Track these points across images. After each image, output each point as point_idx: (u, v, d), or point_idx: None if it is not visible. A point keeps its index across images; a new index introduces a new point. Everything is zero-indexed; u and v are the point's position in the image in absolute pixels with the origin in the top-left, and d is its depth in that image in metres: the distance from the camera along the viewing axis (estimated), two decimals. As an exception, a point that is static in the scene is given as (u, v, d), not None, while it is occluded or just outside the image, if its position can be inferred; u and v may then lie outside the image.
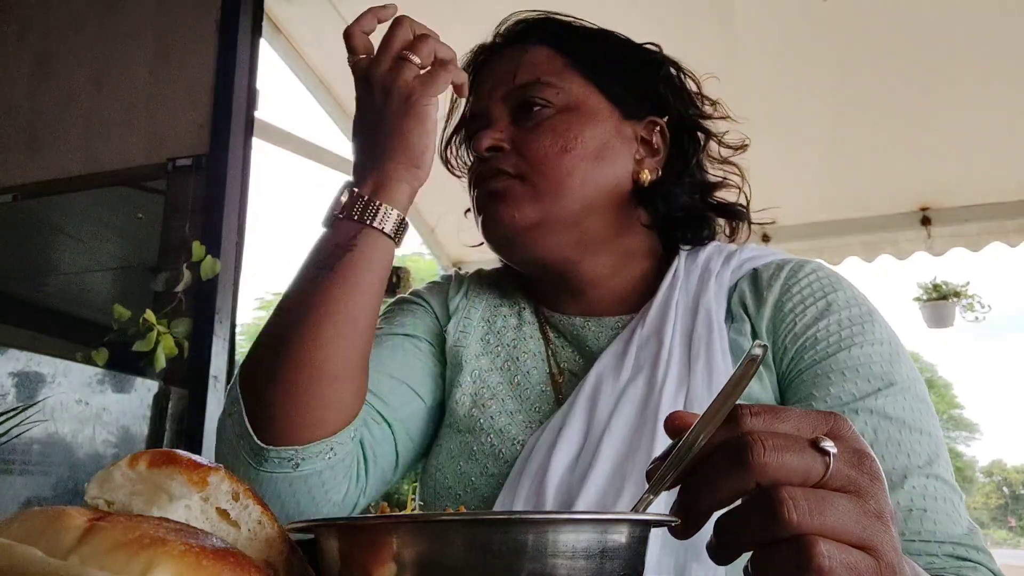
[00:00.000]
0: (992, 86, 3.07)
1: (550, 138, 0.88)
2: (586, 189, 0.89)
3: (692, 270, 0.92)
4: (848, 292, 0.85)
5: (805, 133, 3.45)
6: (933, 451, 0.73)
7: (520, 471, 0.81)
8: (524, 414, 0.89)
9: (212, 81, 2.53)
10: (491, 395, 0.91)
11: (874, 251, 3.87)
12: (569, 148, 0.88)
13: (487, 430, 0.88)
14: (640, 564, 0.42)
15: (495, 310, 1.00)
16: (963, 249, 3.74)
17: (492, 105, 0.92)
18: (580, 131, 0.89)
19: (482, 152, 0.89)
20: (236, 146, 2.46)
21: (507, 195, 0.88)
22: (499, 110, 0.92)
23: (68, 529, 0.34)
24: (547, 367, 0.93)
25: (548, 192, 0.87)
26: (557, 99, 0.90)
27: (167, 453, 0.47)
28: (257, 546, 0.46)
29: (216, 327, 2.30)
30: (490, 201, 0.89)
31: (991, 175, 3.52)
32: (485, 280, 1.06)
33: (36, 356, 1.86)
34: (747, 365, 0.46)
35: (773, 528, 0.40)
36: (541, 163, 0.87)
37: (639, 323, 0.88)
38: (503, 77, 0.93)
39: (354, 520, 0.42)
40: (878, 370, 0.77)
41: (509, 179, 0.88)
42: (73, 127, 2.71)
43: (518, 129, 0.90)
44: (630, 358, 0.85)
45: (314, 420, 0.75)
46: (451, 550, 0.38)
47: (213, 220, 2.37)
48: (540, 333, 0.96)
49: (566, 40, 0.95)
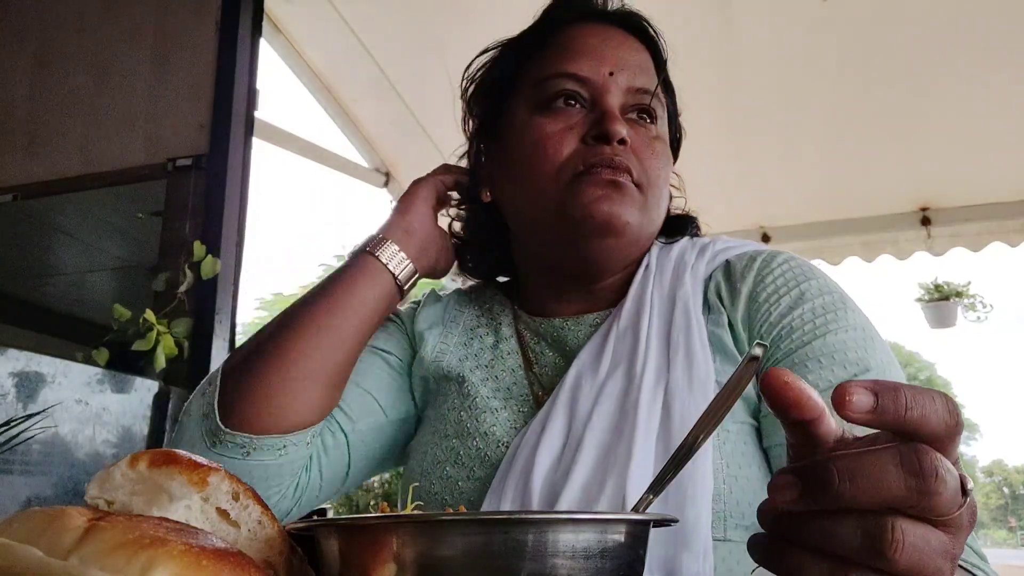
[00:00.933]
0: (992, 86, 3.07)
1: (661, 161, 0.90)
2: (660, 220, 0.93)
3: (666, 264, 0.93)
4: (820, 281, 0.86)
5: (805, 133, 3.45)
6: None
7: (506, 472, 0.81)
8: (509, 415, 0.89)
9: (212, 81, 2.53)
10: (479, 402, 0.91)
11: (874, 251, 3.87)
12: (664, 179, 0.91)
13: (474, 434, 0.88)
14: (640, 564, 0.42)
15: (472, 332, 1.00)
16: (963, 249, 3.74)
17: (616, 90, 0.88)
18: (668, 164, 0.93)
19: (616, 139, 0.85)
20: (236, 146, 2.46)
21: (627, 196, 0.86)
22: (618, 96, 0.88)
23: (68, 529, 0.34)
24: (527, 382, 0.92)
25: (652, 209, 0.89)
26: (659, 120, 0.93)
27: (167, 453, 0.47)
28: (257, 546, 0.46)
29: (216, 327, 2.30)
30: (611, 193, 0.85)
31: (991, 175, 3.52)
32: (464, 299, 1.06)
33: (36, 356, 1.86)
34: (747, 365, 0.46)
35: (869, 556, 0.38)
36: (654, 184, 0.88)
37: (615, 318, 0.89)
38: (627, 63, 0.90)
39: (354, 520, 0.42)
40: (853, 356, 0.78)
41: (632, 182, 0.86)
42: (73, 127, 2.71)
43: (633, 131, 0.88)
44: (607, 353, 0.85)
45: (276, 413, 0.81)
46: (451, 550, 0.38)
47: (213, 220, 2.37)
48: (518, 346, 0.96)
49: (660, 56, 0.96)
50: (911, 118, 3.28)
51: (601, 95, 0.88)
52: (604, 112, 0.87)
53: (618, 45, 0.91)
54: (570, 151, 0.86)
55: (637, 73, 0.90)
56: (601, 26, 0.93)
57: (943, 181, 3.60)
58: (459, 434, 0.89)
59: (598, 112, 0.87)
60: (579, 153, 0.86)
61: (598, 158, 0.85)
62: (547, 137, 0.87)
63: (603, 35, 0.92)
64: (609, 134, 0.85)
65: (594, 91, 0.88)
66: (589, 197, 0.84)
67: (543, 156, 0.87)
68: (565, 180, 0.86)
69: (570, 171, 0.86)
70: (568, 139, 0.87)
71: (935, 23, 2.85)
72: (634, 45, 0.93)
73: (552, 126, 0.88)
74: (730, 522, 0.73)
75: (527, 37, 0.97)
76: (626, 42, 0.92)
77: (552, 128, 0.87)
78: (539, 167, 0.87)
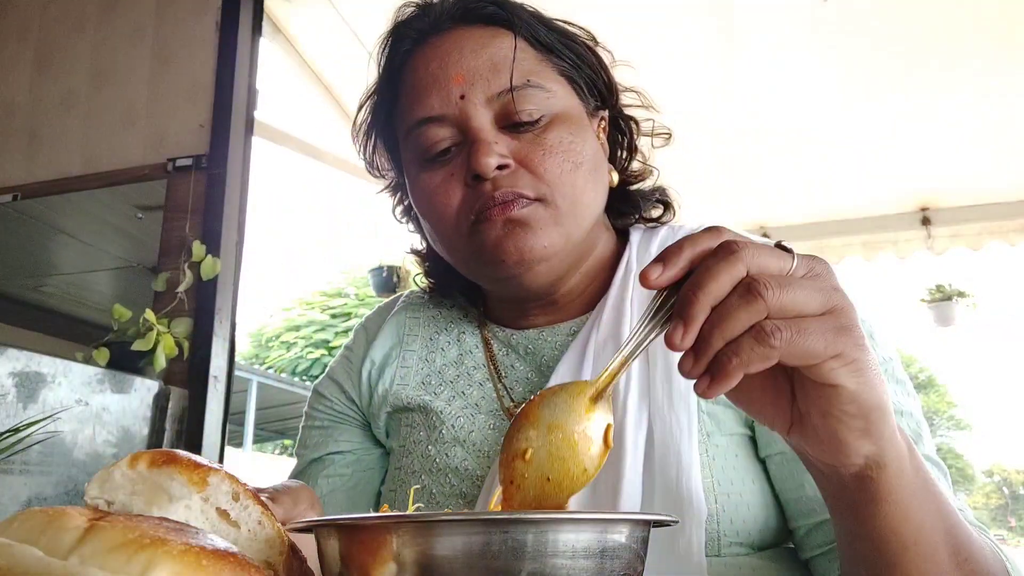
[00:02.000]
0: (993, 86, 3.07)
1: (560, 154, 0.79)
2: (594, 206, 0.84)
3: (645, 259, 0.86)
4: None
5: (805, 133, 3.45)
6: (916, 432, 0.72)
7: (484, 509, 0.77)
8: (481, 439, 0.84)
9: (212, 81, 2.53)
10: (446, 433, 0.85)
11: (874, 251, 3.88)
12: (579, 163, 0.80)
13: (445, 471, 0.83)
14: (640, 564, 0.42)
15: (432, 343, 0.94)
16: (963, 248, 3.74)
17: (472, 110, 0.79)
18: (581, 143, 0.81)
19: (489, 174, 0.77)
20: (236, 146, 2.46)
21: (531, 222, 0.78)
22: (482, 117, 0.79)
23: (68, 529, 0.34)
24: (496, 395, 0.87)
25: (568, 214, 0.80)
26: (547, 105, 0.81)
27: (167, 453, 0.47)
28: (257, 546, 0.46)
29: (216, 327, 2.30)
30: (512, 229, 0.78)
31: (991, 175, 3.53)
32: (420, 306, 0.99)
33: (36, 356, 1.86)
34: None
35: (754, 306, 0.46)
36: (559, 183, 0.79)
37: (594, 326, 0.83)
38: (477, 72, 0.80)
39: (354, 520, 0.42)
40: None
41: (530, 203, 0.78)
42: (73, 127, 2.71)
43: (517, 142, 0.79)
44: (587, 367, 0.79)
45: None
46: (451, 550, 0.38)
47: (213, 220, 2.37)
48: (485, 358, 0.91)
49: (534, 26, 0.84)
50: (911, 118, 3.28)
51: (463, 125, 0.80)
52: (471, 146, 0.79)
53: (461, 55, 0.81)
54: (457, 201, 0.80)
55: (492, 75, 0.80)
56: (439, 39, 0.83)
57: (943, 181, 3.60)
58: (429, 470, 0.84)
59: (467, 147, 0.80)
60: (466, 200, 0.80)
61: (482, 202, 0.78)
62: (434, 193, 0.82)
63: (442, 52, 0.82)
64: (480, 171, 0.77)
65: (455, 124, 0.80)
66: (492, 241, 0.78)
67: (438, 213, 0.82)
68: (464, 232, 0.81)
69: (465, 222, 0.80)
70: (453, 188, 0.81)
71: (936, 23, 2.85)
72: (481, 38, 0.82)
73: (434, 179, 0.82)
74: (724, 540, 0.70)
75: (382, 85, 0.90)
76: (469, 41, 0.82)
77: (434, 181, 0.82)
78: (439, 224, 0.83)
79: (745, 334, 0.46)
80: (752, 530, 0.72)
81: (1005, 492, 30.40)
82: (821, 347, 0.46)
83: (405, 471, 0.87)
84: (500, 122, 0.80)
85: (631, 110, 0.94)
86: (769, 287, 0.46)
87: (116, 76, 2.71)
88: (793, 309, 0.47)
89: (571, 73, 0.85)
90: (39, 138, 2.75)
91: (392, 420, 0.93)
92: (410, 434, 0.89)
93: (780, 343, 0.46)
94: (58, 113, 2.75)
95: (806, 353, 0.46)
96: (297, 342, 17.60)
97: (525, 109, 0.79)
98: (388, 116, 0.90)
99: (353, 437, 0.96)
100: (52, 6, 2.89)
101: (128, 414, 2.11)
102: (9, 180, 2.73)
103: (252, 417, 12.19)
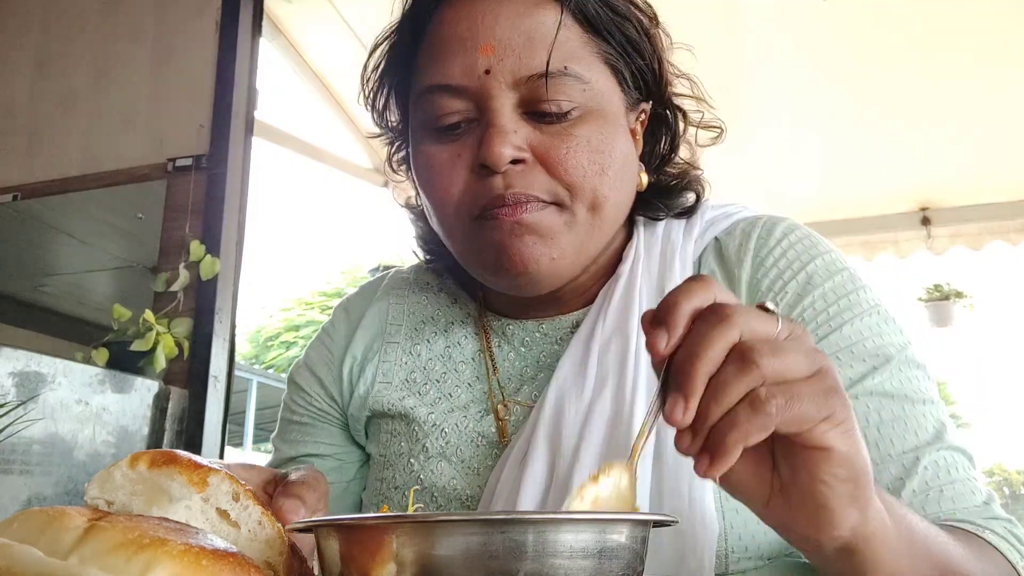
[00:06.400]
0: (993, 86, 3.07)
1: (587, 153, 0.70)
2: (617, 214, 0.76)
3: (652, 245, 0.81)
4: (827, 258, 0.77)
5: (805, 133, 3.45)
6: (938, 420, 0.70)
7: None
8: (471, 453, 0.77)
9: (212, 81, 2.53)
10: (430, 446, 0.79)
11: (874, 251, 3.88)
12: (605, 167, 0.71)
13: (431, 489, 0.77)
14: (640, 564, 0.42)
15: (418, 333, 0.86)
16: (963, 248, 3.74)
17: (495, 89, 0.69)
18: (612, 144, 0.72)
19: (500, 167, 0.69)
20: (236, 146, 2.46)
21: (543, 229, 0.70)
22: (504, 98, 0.69)
23: (68, 529, 0.34)
24: (486, 393, 0.81)
25: (586, 223, 0.72)
26: (582, 97, 0.71)
27: (167, 453, 0.47)
28: (257, 546, 0.46)
29: (216, 327, 2.30)
30: (520, 234, 0.70)
31: (991, 175, 3.53)
32: (404, 295, 0.91)
33: (36, 356, 1.86)
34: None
35: (750, 375, 0.45)
36: (581, 188, 0.70)
37: (599, 319, 0.76)
38: (510, 46, 0.69)
39: (354, 520, 0.42)
40: (871, 346, 0.72)
41: (544, 206, 0.70)
42: (73, 127, 2.71)
43: (538, 132, 0.70)
44: (591, 366, 0.73)
45: None
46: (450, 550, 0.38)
47: (213, 220, 2.37)
48: (478, 350, 0.83)
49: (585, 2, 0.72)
50: (911, 118, 3.28)
51: (481, 103, 0.70)
52: (485, 129, 0.70)
53: (496, 21, 0.70)
54: (460, 189, 0.72)
55: (526, 53, 0.69)
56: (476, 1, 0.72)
57: (943, 181, 3.60)
58: (410, 485, 0.79)
59: (482, 129, 0.70)
60: (471, 190, 0.71)
61: (488, 199, 0.70)
62: (437, 171, 0.73)
63: (475, 13, 0.71)
64: (491, 163, 0.68)
65: (474, 100, 0.71)
66: (495, 244, 0.71)
67: (439, 194, 0.74)
68: (465, 224, 0.73)
69: (466, 215, 0.72)
70: (457, 172, 0.72)
71: (936, 23, 2.85)
72: (522, 4, 0.71)
73: (440, 155, 0.73)
74: (732, 557, 0.68)
75: (403, 30, 0.79)
76: (508, 6, 0.71)
77: (440, 158, 0.73)
78: (439, 207, 0.75)
79: (740, 404, 0.45)
80: (761, 543, 0.69)
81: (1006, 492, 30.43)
82: (814, 410, 0.45)
83: (387, 484, 0.81)
84: (524, 107, 0.70)
85: (679, 100, 0.84)
86: (763, 354, 0.45)
87: (116, 76, 2.71)
88: (785, 374, 0.45)
89: (616, 62, 0.75)
90: (39, 138, 2.75)
91: (372, 425, 0.86)
92: (391, 442, 0.82)
93: (776, 410, 0.44)
94: (58, 113, 2.75)
95: (801, 418, 0.45)
96: (296, 342, 17.60)
97: (556, 99, 0.69)
98: (403, 67, 0.80)
99: (334, 439, 0.89)
100: (52, 6, 2.89)
101: (128, 414, 2.11)
102: (9, 180, 2.73)
103: (252, 417, 12.19)
